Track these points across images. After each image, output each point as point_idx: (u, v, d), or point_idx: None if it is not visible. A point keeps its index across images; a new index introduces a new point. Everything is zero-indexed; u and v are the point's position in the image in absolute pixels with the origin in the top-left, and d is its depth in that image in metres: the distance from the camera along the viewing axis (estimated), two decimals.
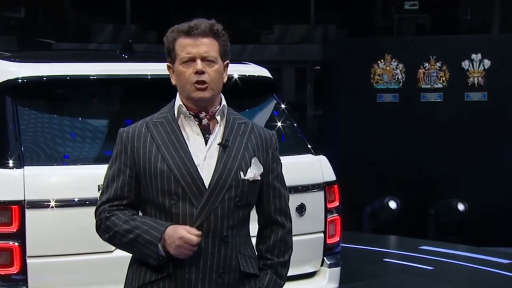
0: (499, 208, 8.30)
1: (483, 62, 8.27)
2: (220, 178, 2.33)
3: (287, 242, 2.48)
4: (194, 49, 2.36)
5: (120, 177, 2.41)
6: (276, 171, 2.46)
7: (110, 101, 3.79)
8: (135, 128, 2.44)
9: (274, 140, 2.47)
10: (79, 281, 3.31)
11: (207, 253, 2.33)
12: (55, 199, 3.23)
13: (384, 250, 7.28)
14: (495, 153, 8.30)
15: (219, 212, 2.33)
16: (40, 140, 3.41)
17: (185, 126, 2.40)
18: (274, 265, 2.46)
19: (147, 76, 3.58)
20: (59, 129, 3.47)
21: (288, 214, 2.50)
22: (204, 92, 2.35)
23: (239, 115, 2.48)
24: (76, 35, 14.11)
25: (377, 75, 8.35)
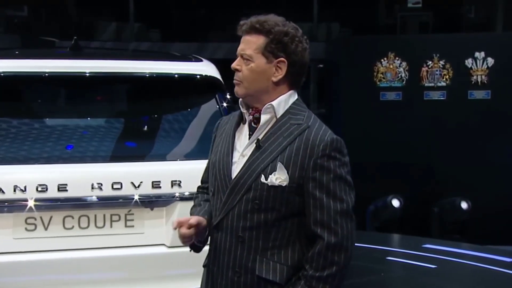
0: (503, 207, 8.29)
1: (487, 60, 8.26)
2: (241, 178, 2.32)
3: (327, 258, 2.29)
4: (239, 46, 2.40)
5: (207, 163, 2.56)
6: (319, 180, 2.30)
7: (44, 99, 3.79)
8: (225, 118, 2.58)
9: (323, 147, 2.32)
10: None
11: (225, 249, 2.37)
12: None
13: (387, 248, 7.27)
14: (498, 152, 8.28)
15: (236, 212, 2.33)
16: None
17: (243, 122, 2.45)
18: (308, 277, 2.30)
19: (86, 73, 3.57)
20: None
21: (332, 228, 2.30)
22: (237, 89, 2.40)
23: (303, 116, 2.40)
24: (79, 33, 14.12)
25: (380, 73, 8.34)
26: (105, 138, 3.66)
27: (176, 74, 3.70)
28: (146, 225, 3.49)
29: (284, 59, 2.36)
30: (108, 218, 3.46)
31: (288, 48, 2.36)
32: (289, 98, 2.41)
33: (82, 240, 3.43)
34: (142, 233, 3.49)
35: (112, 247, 3.45)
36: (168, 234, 3.45)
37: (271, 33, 2.35)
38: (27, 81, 3.60)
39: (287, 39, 2.36)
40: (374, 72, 8.35)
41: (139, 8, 13.81)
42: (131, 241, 3.47)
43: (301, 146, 2.31)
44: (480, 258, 6.75)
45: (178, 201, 3.47)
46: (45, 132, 3.62)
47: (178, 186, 3.46)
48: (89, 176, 3.41)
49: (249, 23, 2.37)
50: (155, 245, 3.49)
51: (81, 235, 3.44)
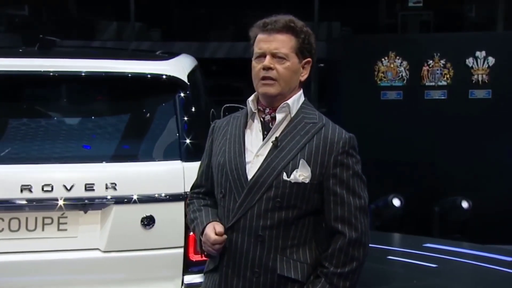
0: (504, 206, 8.29)
1: (488, 60, 8.25)
2: (261, 177, 2.31)
3: (348, 253, 2.33)
4: (265, 44, 2.36)
5: (202, 166, 2.56)
6: (339, 176, 2.33)
7: (13, 98, 3.70)
8: (222, 121, 2.54)
9: (342, 144, 2.36)
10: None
11: (243, 250, 2.34)
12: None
13: (388, 247, 7.27)
14: (499, 151, 8.28)
15: (256, 211, 2.31)
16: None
17: (252, 122, 2.43)
18: (329, 274, 2.33)
19: (50, 72, 3.50)
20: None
21: (353, 223, 2.34)
22: (269, 88, 2.35)
23: (315, 114, 2.42)
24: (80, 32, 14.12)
25: (381, 72, 8.34)
26: (39, 138, 3.50)
27: (129, 73, 3.56)
28: (80, 229, 3.35)
29: (310, 59, 2.42)
30: (40, 221, 3.33)
31: (313, 49, 2.43)
32: (300, 97, 2.44)
33: (12, 244, 3.30)
34: (76, 237, 3.36)
35: (44, 251, 3.32)
36: (102, 238, 3.33)
37: (302, 33, 2.39)
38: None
39: (313, 40, 2.42)
40: (375, 71, 8.35)
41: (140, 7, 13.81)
42: (64, 245, 3.33)
43: (320, 143, 2.34)
44: (481, 257, 6.75)
45: (113, 204, 3.31)
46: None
47: (113, 189, 3.30)
48: (18, 177, 3.28)
49: (283, 22, 2.37)
50: (89, 249, 3.35)
51: (11, 238, 3.30)
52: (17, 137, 3.49)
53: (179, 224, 3.35)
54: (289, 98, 2.39)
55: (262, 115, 2.41)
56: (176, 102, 3.56)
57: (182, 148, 3.45)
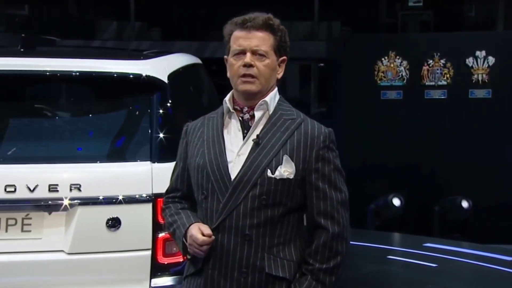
0: (504, 205, 8.29)
1: (488, 59, 8.26)
2: (245, 175, 2.30)
3: (332, 248, 2.35)
4: (245, 41, 2.35)
5: (177, 170, 2.52)
6: (321, 171, 2.35)
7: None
8: (195, 123, 2.51)
9: (323, 138, 2.36)
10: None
11: (229, 250, 2.31)
12: None
13: (388, 247, 7.27)
14: (499, 150, 8.29)
15: (242, 210, 2.30)
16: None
17: (229, 121, 2.41)
18: (315, 271, 2.34)
19: (25, 71, 3.44)
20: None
21: (336, 218, 2.37)
22: (251, 85, 2.34)
23: (292, 111, 2.42)
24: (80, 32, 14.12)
25: (381, 72, 8.34)
26: (2, 138, 3.46)
27: (104, 72, 3.49)
28: (44, 230, 3.29)
29: (286, 57, 2.42)
30: (3, 222, 3.27)
31: (288, 47, 2.43)
32: (276, 94, 2.43)
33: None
34: (40, 238, 3.29)
35: (7, 253, 3.25)
36: (67, 240, 3.26)
37: (279, 31, 2.39)
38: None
39: (288, 39, 2.42)
40: (375, 71, 8.35)
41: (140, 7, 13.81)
42: (28, 247, 3.26)
43: (301, 139, 2.34)
44: (481, 257, 6.76)
45: (78, 206, 3.24)
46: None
47: (78, 190, 3.23)
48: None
49: (262, 19, 2.36)
50: (54, 251, 3.28)
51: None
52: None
53: (147, 226, 3.27)
54: (266, 96, 2.39)
55: (240, 114, 2.40)
56: (152, 103, 3.46)
57: (153, 149, 3.36)
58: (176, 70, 3.82)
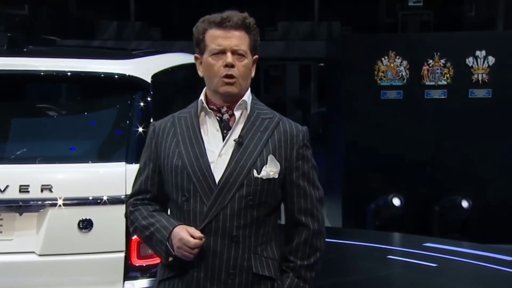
0: (504, 205, 8.29)
1: (488, 59, 8.25)
2: (231, 176, 2.28)
3: (313, 245, 2.38)
4: (225, 41, 2.31)
5: (145, 171, 2.44)
6: (302, 169, 2.36)
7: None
8: (162, 122, 2.44)
9: (302, 136, 2.38)
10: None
11: (216, 252, 2.29)
12: None
13: (388, 247, 7.27)
14: (499, 150, 8.28)
15: (229, 211, 2.27)
16: None
17: (206, 122, 2.37)
18: (297, 268, 2.37)
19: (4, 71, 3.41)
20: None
21: (315, 215, 2.39)
22: (232, 87, 2.31)
23: (268, 110, 2.42)
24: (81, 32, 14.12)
25: (381, 72, 8.33)
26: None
27: (84, 72, 3.44)
28: (16, 232, 3.25)
29: (257, 56, 2.41)
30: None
31: (258, 46, 2.41)
32: (250, 93, 2.42)
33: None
34: (11, 239, 3.25)
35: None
36: (38, 241, 3.22)
37: (254, 30, 2.37)
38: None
39: (258, 38, 2.41)
40: (375, 71, 8.34)
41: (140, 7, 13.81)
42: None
43: (281, 138, 2.35)
44: (481, 257, 6.75)
45: (49, 207, 3.20)
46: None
47: (49, 191, 3.18)
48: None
49: (240, 18, 2.33)
50: (25, 252, 3.23)
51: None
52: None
53: (120, 228, 3.22)
54: (242, 96, 2.38)
55: (218, 114, 2.36)
56: (133, 103, 3.42)
57: (129, 150, 3.31)
58: (163, 70, 3.77)
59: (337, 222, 8.65)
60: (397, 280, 6.22)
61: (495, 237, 7.94)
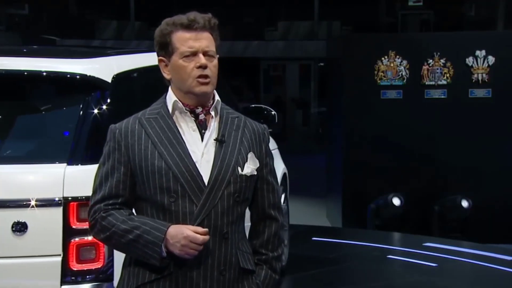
0: (504, 205, 8.29)
1: (488, 59, 8.25)
2: (219, 175, 2.31)
3: (280, 236, 2.50)
4: (196, 43, 2.33)
5: (115, 174, 2.36)
6: (269, 165, 2.47)
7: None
8: (127, 124, 2.39)
9: (267, 134, 2.48)
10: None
11: (208, 250, 2.31)
12: None
13: (388, 247, 7.28)
14: (499, 150, 8.29)
15: (219, 209, 2.31)
16: None
17: (180, 122, 2.38)
18: (269, 260, 2.46)
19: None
20: None
21: (281, 208, 2.53)
22: (207, 86, 2.34)
23: (231, 110, 2.47)
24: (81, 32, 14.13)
25: (381, 71, 8.34)
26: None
27: (40, 71, 3.36)
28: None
29: (217, 56, 2.43)
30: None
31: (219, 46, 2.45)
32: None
33: None
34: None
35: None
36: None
37: (217, 31, 2.40)
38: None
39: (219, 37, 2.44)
40: (375, 71, 8.34)
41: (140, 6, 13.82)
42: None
43: (252, 136, 2.42)
44: (481, 257, 6.76)
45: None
46: None
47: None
48: None
49: (207, 19, 2.35)
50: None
51: None
52: None
53: (56, 231, 3.10)
54: (213, 96, 2.42)
55: (193, 115, 2.37)
56: (87, 103, 3.32)
57: (74, 151, 3.21)
58: (130, 71, 3.68)
59: (337, 222, 8.65)
60: (396, 280, 6.23)
61: (495, 236, 7.94)
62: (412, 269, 6.38)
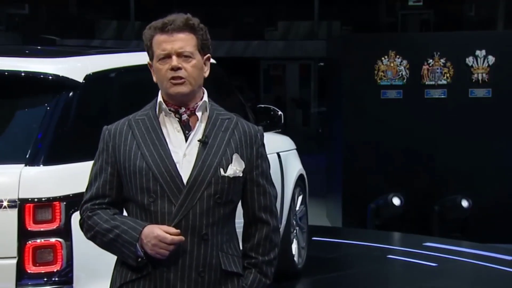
0: (504, 205, 8.29)
1: (488, 59, 8.26)
2: (199, 175, 2.31)
3: (272, 240, 2.45)
4: (168, 45, 2.34)
5: (102, 175, 2.40)
6: (261, 167, 2.43)
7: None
8: (117, 125, 2.43)
9: (260, 136, 2.45)
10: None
11: (186, 251, 2.31)
12: None
13: (388, 246, 7.28)
14: (499, 150, 8.29)
15: (198, 210, 2.31)
16: None
17: (166, 123, 2.39)
18: (259, 264, 2.43)
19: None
20: None
21: (274, 212, 2.47)
22: (181, 87, 2.34)
23: (224, 111, 2.46)
24: (81, 31, 14.12)
25: (381, 71, 8.34)
26: None
27: (12, 71, 3.30)
28: None
29: (209, 54, 2.44)
30: None
31: (210, 44, 2.44)
32: (206, 95, 2.46)
33: None
34: None
35: None
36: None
37: (200, 30, 2.39)
38: None
39: (209, 36, 2.43)
40: (375, 70, 8.35)
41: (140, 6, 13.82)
42: None
43: (242, 137, 2.40)
44: (481, 256, 6.76)
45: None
46: None
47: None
48: None
49: (182, 20, 2.35)
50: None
51: None
52: None
53: (11, 233, 3.01)
54: (199, 96, 2.41)
55: (177, 115, 2.39)
56: (52, 104, 3.25)
57: (33, 152, 3.14)
58: (106, 70, 3.62)
59: (337, 222, 8.65)
60: (396, 279, 6.23)
61: (495, 236, 7.94)
62: (412, 269, 6.38)
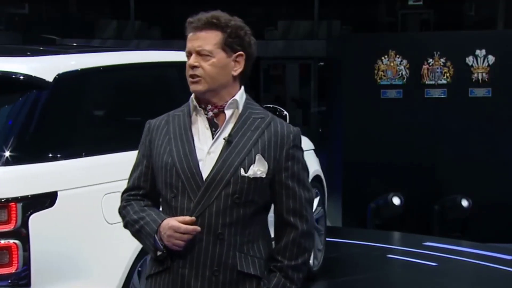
0: (504, 205, 8.29)
1: (488, 58, 8.26)
2: (218, 174, 2.30)
3: (301, 245, 2.38)
4: (190, 43, 2.37)
5: (139, 167, 2.47)
6: (291, 170, 2.36)
7: None
8: (157, 120, 2.48)
9: (292, 137, 2.38)
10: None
11: (201, 249, 2.31)
12: None
13: (388, 246, 7.28)
14: (499, 149, 8.29)
15: (214, 209, 2.30)
16: None
17: (197, 120, 2.41)
18: (284, 268, 2.37)
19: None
20: None
21: (304, 216, 2.39)
22: (197, 85, 2.34)
23: (261, 110, 2.44)
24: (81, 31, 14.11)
25: (381, 71, 8.34)
26: None
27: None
28: None
29: (243, 52, 2.39)
30: None
31: (245, 41, 2.40)
32: (243, 92, 2.44)
33: None
34: None
35: None
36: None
37: (228, 27, 2.37)
38: None
39: (243, 33, 2.40)
40: (375, 70, 8.35)
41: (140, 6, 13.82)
42: None
43: (272, 138, 2.36)
44: (481, 256, 6.76)
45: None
46: None
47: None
48: None
49: (204, 19, 2.36)
50: None
51: None
52: None
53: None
54: (229, 94, 2.39)
55: (205, 112, 2.40)
56: (20, 104, 3.23)
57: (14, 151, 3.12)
58: (81, 70, 3.57)
59: (337, 222, 8.65)
60: (396, 279, 6.23)
61: (495, 236, 7.94)
62: (412, 269, 6.38)
